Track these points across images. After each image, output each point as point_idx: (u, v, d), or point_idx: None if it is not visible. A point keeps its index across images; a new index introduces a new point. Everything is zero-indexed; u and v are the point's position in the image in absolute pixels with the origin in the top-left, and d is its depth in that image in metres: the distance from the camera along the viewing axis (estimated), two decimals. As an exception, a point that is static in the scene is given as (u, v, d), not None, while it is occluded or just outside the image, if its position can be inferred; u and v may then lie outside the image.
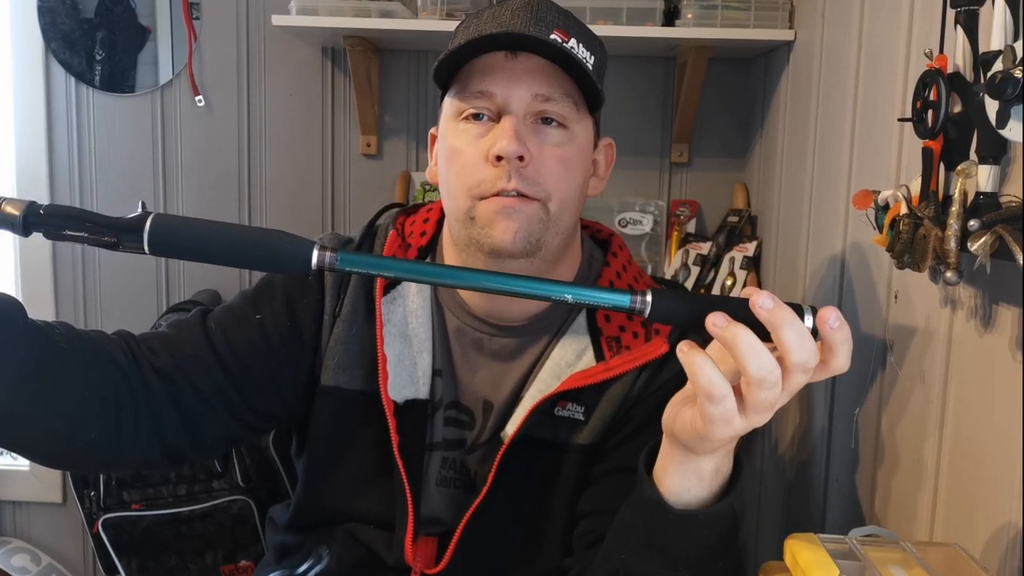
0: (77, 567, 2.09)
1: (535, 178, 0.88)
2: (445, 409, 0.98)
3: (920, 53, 0.97)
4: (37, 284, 1.97)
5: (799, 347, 0.64)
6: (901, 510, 1.09)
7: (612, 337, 0.96)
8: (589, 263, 1.02)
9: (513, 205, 0.88)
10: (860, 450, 1.22)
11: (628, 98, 1.93)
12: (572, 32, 0.90)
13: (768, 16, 1.63)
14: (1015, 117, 0.73)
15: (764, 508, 1.70)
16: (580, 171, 0.93)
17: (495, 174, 0.88)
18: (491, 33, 0.87)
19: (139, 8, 1.92)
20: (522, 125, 0.89)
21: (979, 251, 0.78)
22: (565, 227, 0.93)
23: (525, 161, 0.88)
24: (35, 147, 1.95)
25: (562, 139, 0.90)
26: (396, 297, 0.98)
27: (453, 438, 0.99)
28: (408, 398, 0.96)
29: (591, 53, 0.92)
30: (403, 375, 0.96)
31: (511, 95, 0.89)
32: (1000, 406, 0.86)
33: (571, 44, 0.89)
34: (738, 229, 1.82)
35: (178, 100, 1.96)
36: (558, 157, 0.90)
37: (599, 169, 1.00)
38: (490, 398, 0.99)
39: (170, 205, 1.98)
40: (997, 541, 0.85)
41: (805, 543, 0.75)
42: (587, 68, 0.90)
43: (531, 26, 0.88)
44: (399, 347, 0.97)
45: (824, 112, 1.43)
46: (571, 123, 0.91)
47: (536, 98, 0.89)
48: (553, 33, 0.88)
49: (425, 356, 0.97)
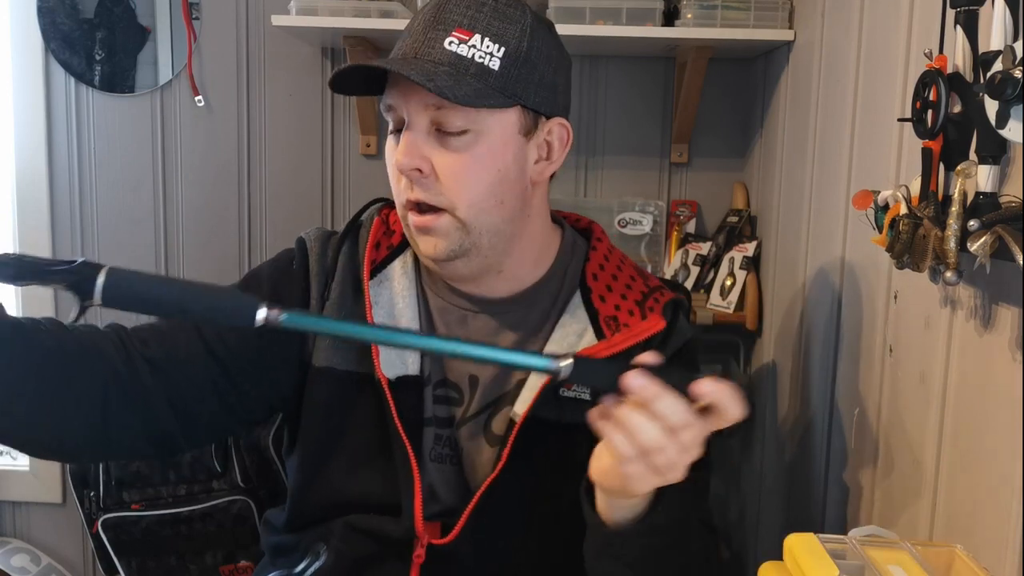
0: (77, 567, 2.09)
1: (435, 188, 0.92)
2: (435, 387, 1.01)
3: (920, 53, 0.97)
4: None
5: (673, 414, 0.72)
6: (901, 510, 1.09)
7: (609, 316, 0.99)
8: (572, 250, 1.04)
9: (425, 224, 0.93)
10: (860, 450, 1.22)
11: (628, 98, 1.93)
12: (478, 27, 0.91)
13: (768, 16, 1.63)
14: (1015, 117, 0.73)
15: (764, 508, 1.70)
16: (492, 170, 0.93)
17: (405, 184, 0.93)
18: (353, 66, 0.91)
19: (139, 8, 1.92)
20: (422, 136, 0.91)
21: (979, 251, 0.78)
22: (490, 225, 0.94)
23: (424, 173, 0.91)
24: (35, 147, 1.95)
25: (464, 144, 0.91)
26: (383, 280, 1.02)
27: (443, 415, 1.01)
28: (399, 375, 0.99)
29: (500, 45, 0.91)
30: (393, 354, 0.99)
31: (408, 108, 0.92)
32: (1000, 406, 0.86)
33: (472, 42, 0.90)
34: (738, 229, 1.82)
35: (178, 100, 1.96)
36: (459, 164, 0.91)
37: (552, 152, 0.99)
38: (476, 373, 1.01)
39: (170, 205, 1.98)
40: (997, 541, 0.85)
41: (805, 543, 0.75)
42: (484, 67, 0.90)
43: (427, 34, 0.91)
44: None
45: (824, 112, 1.43)
46: (474, 124, 0.91)
47: (429, 108, 0.90)
48: (450, 35, 0.90)
49: None
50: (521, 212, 0.97)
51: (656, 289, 1.04)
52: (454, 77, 0.88)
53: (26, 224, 1.96)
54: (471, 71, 0.89)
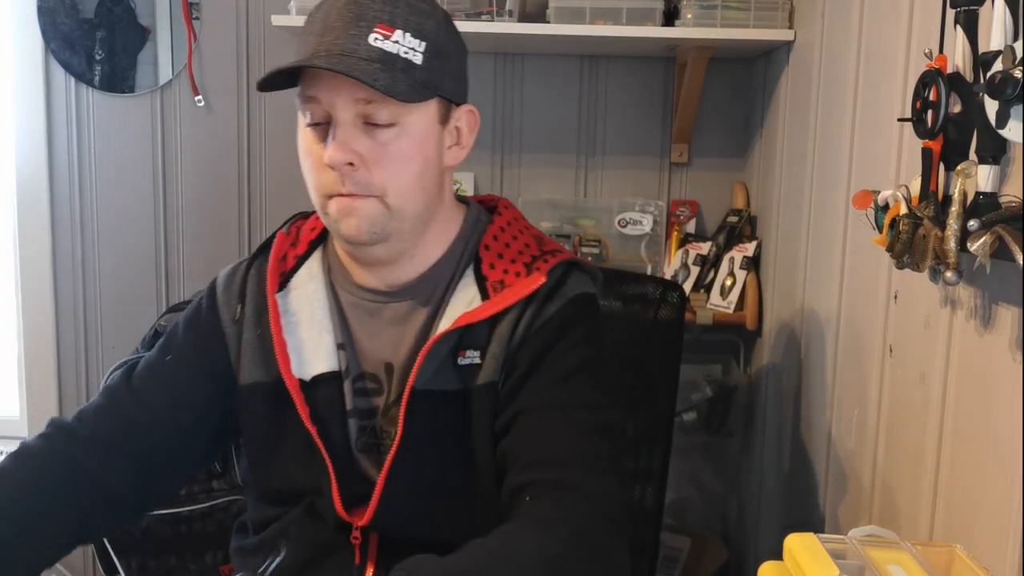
0: (77, 567, 2.09)
1: (367, 180, 0.94)
2: (354, 381, 1.04)
3: (920, 53, 0.97)
4: (37, 284, 1.97)
5: None
6: (901, 510, 1.09)
7: (496, 281, 1.02)
8: (474, 226, 1.07)
9: (351, 204, 0.95)
10: (860, 450, 1.22)
11: (628, 98, 1.93)
12: (398, 23, 0.93)
13: (768, 16, 1.64)
14: (1015, 117, 0.73)
15: (764, 508, 1.70)
16: (418, 159, 0.97)
17: (332, 178, 0.94)
18: (292, 65, 0.92)
19: (139, 8, 1.92)
20: (350, 130, 0.93)
21: (979, 251, 0.78)
22: (413, 211, 0.98)
23: (355, 167, 0.93)
24: (35, 147, 1.95)
25: (392, 136, 0.94)
26: (291, 289, 1.06)
27: (364, 407, 1.04)
28: (318, 373, 1.03)
29: (421, 39, 0.94)
30: (310, 355, 1.03)
31: (335, 102, 0.93)
32: (1000, 406, 0.86)
33: (395, 38, 0.92)
34: (738, 229, 1.82)
35: (178, 100, 1.96)
36: (389, 155, 0.94)
37: (462, 137, 1.03)
38: (390, 360, 1.04)
39: (170, 205, 1.98)
40: (997, 541, 0.85)
41: (805, 543, 0.75)
42: (409, 62, 0.92)
43: (349, 31, 0.91)
44: (304, 332, 1.04)
45: (824, 112, 1.43)
46: (400, 117, 0.94)
47: (358, 102, 0.92)
48: (374, 31, 0.91)
49: (327, 335, 1.04)
50: (437, 196, 1.01)
51: (550, 253, 1.04)
52: (389, 74, 0.91)
53: (26, 224, 1.96)
54: (399, 66, 0.92)
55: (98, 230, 1.98)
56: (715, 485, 1.98)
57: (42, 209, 1.95)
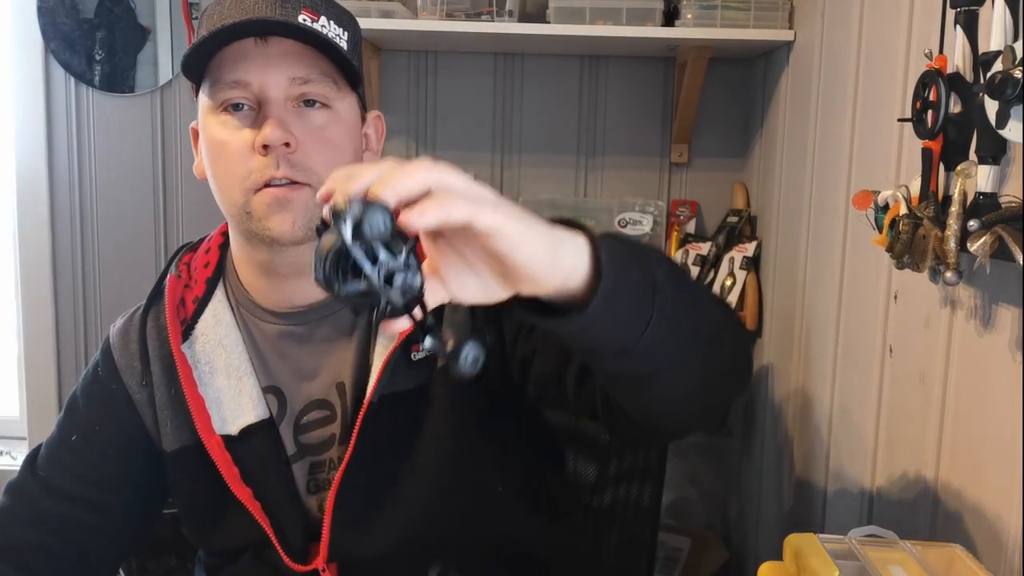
0: (77, 567, 2.09)
1: (303, 163, 0.87)
2: (297, 417, 0.97)
3: (920, 53, 0.97)
4: (37, 284, 1.97)
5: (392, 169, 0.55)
6: (901, 510, 1.09)
7: None
8: None
9: (285, 195, 0.87)
10: (860, 450, 1.22)
11: (628, 98, 1.93)
12: (321, 10, 0.89)
13: (768, 16, 1.64)
14: (1015, 117, 0.73)
15: (764, 508, 1.70)
16: (349, 149, 0.92)
17: (263, 163, 0.86)
18: (235, 22, 0.84)
19: (139, 8, 1.92)
20: (284, 111, 0.87)
21: (979, 251, 0.78)
22: None
23: (292, 147, 0.86)
24: (35, 147, 1.95)
25: (326, 120, 0.89)
26: (197, 337, 0.97)
27: (317, 441, 0.97)
28: (246, 424, 0.95)
29: (343, 29, 0.90)
30: (231, 407, 0.96)
31: (267, 82, 0.87)
32: (1000, 406, 0.86)
33: (322, 23, 0.88)
34: (738, 229, 1.82)
35: (178, 100, 1.96)
36: (324, 139, 0.89)
37: (371, 143, 0.99)
38: (340, 379, 0.96)
39: (169, 205, 1.98)
40: (997, 541, 0.85)
41: (805, 543, 0.75)
42: (339, 47, 0.88)
43: (277, 9, 0.86)
44: (221, 381, 0.96)
45: (824, 112, 1.43)
46: (334, 102, 0.90)
47: (294, 82, 0.87)
48: (301, 13, 0.87)
49: (247, 379, 0.96)
50: None
51: None
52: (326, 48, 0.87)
53: (26, 224, 1.96)
54: (329, 50, 0.89)
55: (98, 230, 1.98)
56: (715, 485, 1.98)
57: (42, 209, 1.95)
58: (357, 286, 0.54)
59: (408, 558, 0.96)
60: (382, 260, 0.54)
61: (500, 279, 0.58)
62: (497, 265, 0.57)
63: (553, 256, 0.57)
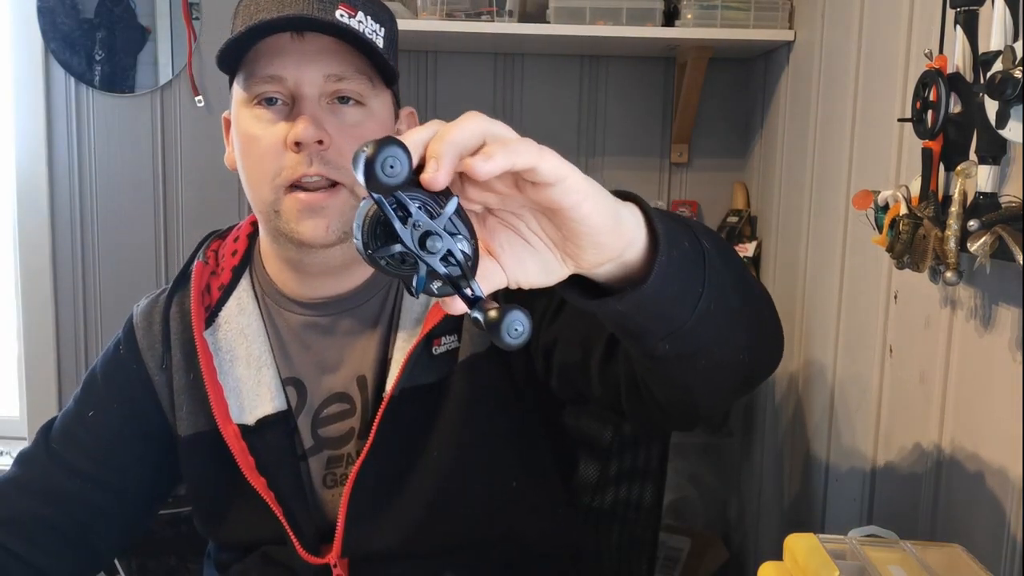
0: (77, 567, 2.09)
1: (336, 161, 0.86)
2: (318, 410, 0.96)
3: (920, 53, 0.97)
4: (37, 284, 1.97)
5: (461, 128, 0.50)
6: (901, 510, 1.09)
7: None
8: None
9: (320, 201, 0.86)
10: (860, 450, 1.22)
11: (628, 98, 1.93)
12: (358, 5, 0.87)
13: (768, 16, 1.64)
14: (1015, 117, 0.73)
15: (764, 508, 1.70)
16: None
17: (295, 160, 0.86)
18: (273, 18, 0.84)
19: (139, 8, 1.92)
20: (318, 107, 0.87)
21: (979, 251, 0.78)
22: None
23: (325, 144, 0.85)
24: (35, 147, 1.94)
25: (360, 117, 0.88)
26: (220, 325, 0.97)
27: (336, 435, 0.96)
28: (262, 415, 0.95)
29: (380, 25, 0.89)
30: (250, 396, 0.95)
31: (302, 78, 0.86)
32: (1000, 406, 0.86)
33: (359, 19, 0.86)
34: (738, 229, 1.82)
35: (178, 100, 1.96)
36: (357, 136, 0.87)
37: None
38: (362, 372, 0.95)
39: (170, 205, 1.98)
40: (997, 541, 0.85)
41: (805, 543, 0.75)
42: (375, 44, 0.87)
43: (314, 4, 0.85)
44: (242, 371, 0.95)
45: (824, 112, 1.43)
46: (368, 100, 0.89)
47: (329, 79, 0.87)
48: (339, 8, 0.85)
49: (268, 371, 0.95)
50: None
51: None
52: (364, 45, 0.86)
53: (26, 224, 1.96)
54: (365, 47, 0.87)
55: (98, 230, 1.98)
56: (715, 485, 1.98)
57: (42, 209, 1.95)
58: (391, 250, 0.49)
59: (419, 554, 0.95)
60: (414, 217, 0.48)
61: (560, 251, 0.55)
62: (556, 233, 0.53)
63: (616, 218, 0.54)
